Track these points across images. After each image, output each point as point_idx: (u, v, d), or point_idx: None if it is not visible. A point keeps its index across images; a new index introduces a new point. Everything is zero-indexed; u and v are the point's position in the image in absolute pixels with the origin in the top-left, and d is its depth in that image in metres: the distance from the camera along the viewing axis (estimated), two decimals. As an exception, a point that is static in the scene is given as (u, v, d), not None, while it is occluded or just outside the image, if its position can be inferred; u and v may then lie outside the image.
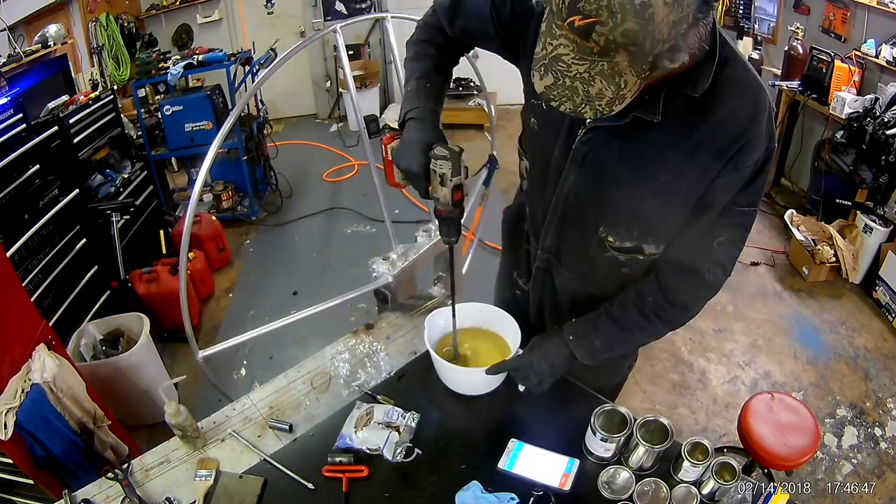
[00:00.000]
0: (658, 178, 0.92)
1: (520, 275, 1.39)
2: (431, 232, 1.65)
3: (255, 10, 5.44)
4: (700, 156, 0.88)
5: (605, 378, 1.35)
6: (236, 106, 2.34)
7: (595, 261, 1.10)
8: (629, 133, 0.91)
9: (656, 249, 1.02)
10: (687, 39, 0.73)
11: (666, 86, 0.83)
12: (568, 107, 0.75)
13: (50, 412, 1.65)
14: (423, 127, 1.03)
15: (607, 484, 1.06)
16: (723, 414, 2.45)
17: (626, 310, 1.07)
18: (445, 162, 0.97)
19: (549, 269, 1.22)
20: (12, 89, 2.71)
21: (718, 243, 0.96)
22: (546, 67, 0.73)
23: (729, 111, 0.85)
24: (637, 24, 0.66)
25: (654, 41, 0.68)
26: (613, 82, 0.71)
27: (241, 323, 3.09)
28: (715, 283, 1.01)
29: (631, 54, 0.69)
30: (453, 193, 1.00)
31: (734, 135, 0.85)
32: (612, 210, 1.02)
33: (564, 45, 0.70)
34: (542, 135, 1.07)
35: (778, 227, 3.71)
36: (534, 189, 1.17)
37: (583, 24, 0.67)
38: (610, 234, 1.04)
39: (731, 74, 0.84)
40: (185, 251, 1.41)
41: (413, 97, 1.07)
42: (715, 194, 0.91)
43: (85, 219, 2.70)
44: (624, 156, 0.94)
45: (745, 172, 0.89)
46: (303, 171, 4.83)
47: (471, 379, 1.25)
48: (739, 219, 0.95)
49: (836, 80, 3.24)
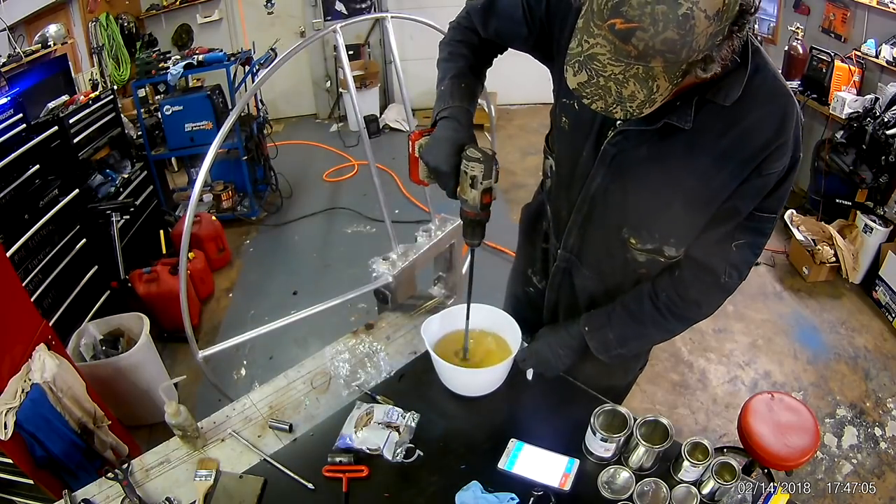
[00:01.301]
0: (684, 184, 0.94)
1: (535, 272, 1.39)
2: (431, 232, 1.65)
3: (255, 10, 5.44)
4: (727, 163, 0.89)
5: (618, 378, 1.36)
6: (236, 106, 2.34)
7: (615, 261, 1.12)
8: (658, 138, 0.92)
9: (676, 252, 1.04)
10: (721, 50, 0.74)
11: (697, 93, 0.84)
12: (599, 105, 0.76)
13: (50, 412, 1.65)
14: (457, 126, 1.03)
15: (607, 484, 1.06)
16: (723, 414, 2.45)
17: (641, 302, 1.09)
18: (478, 164, 0.97)
19: (570, 268, 1.22)
20: (12, 89, 2.71)
21: (737, 245, 0.97)
22: (581, 64, 0.74)
23: (757, 120, 0.86)
24: (677, 34, 0.67)
25: (690, 51, 0.69)
26: (646, 86, 0.72)
27: (241, 323, 3.09)
28: (729, 285, 1.03)
29: (666, 61, 0.70)
30: (482, 196, 1.00)
31: (761, 143, 0.87)
32: (636, 212, 1.03)
33: (602, 45, 0.71)
34: (572, 134, 1.07)
35: (778, 227, 3.67)
36: (559, 188, 1.18)
37: (624, 27, 0.68)
38: (633, 236, 1.05)
39: (760, 84, 0.85)
40: (185, 251, 1.41)
41: (447, 96, 1.07)
42: (739, 201, 0.92)
43: (85, 219, 2.70)
44: (652, 160, 0.95)
45: (769, 179, 0.90)
46: (303, 171, 4.83)
47: (472, 380, 1.25)
48: (759, 224, 0.96)
49: (836, 80, 3.24)
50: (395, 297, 1.54)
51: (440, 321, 1.33)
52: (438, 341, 1.33)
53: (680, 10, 0.66)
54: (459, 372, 1.23)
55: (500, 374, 1.25)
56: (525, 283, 1.43)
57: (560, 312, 1.32)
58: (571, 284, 1.24)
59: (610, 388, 1.29)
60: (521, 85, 4.85)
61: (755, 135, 0.87)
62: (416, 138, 1.08)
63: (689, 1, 0.66)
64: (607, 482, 1.06)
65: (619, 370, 1.34)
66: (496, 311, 1.35)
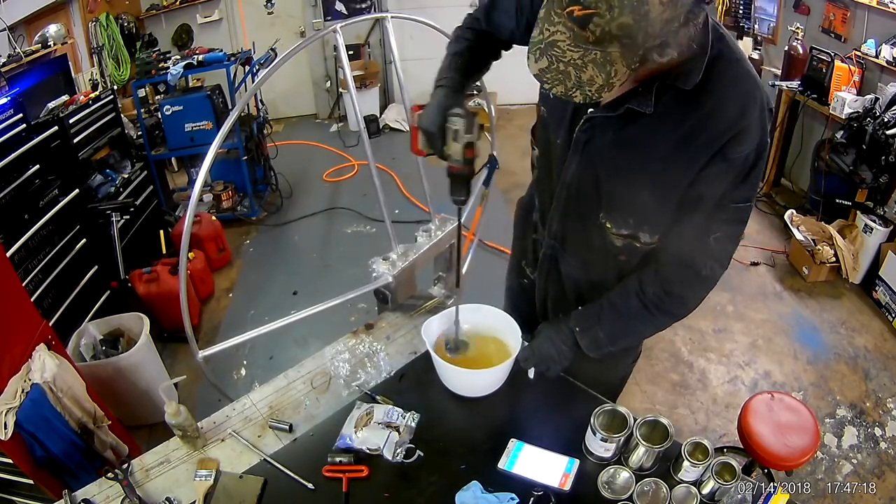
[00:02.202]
0: (649, 167, 0.96)
1: (527, 264, 1.41)
2: (431, 232, 1.65)
3: (255, 10, 5.44)
4: (689, 146, 0.91)
5: (610, 372, 1.37)
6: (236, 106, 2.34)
7: (595, 247, 1.14)
8: (623, 123, 0.95)
9: (650, 238, 1.05)
10: (677, 37, 0.76)
11: (658, 79, 0.87)
12: (559, 90, 0.78)
13: (50, 412, 1.65)
14: (446, 93, 1.10)
15: (607, 484, 1.06)
16: (723, 414, 2.45)
17: (628, 298, 1.11)
18: (459, 119, 1.04)
19: (555, 255, 1.25)
20: (12, 89, 2.71)
21: (715, 239, 0.99)
22: (541, 51, 0.76)
23: (718, 103, 0.88)
24: (632, 19, 0.70)
25: (646, 36, 0.72)
26: (604, 70, 0.74)
27: (241, 323, 3.09)
28: (711, 277, 1.05)
29: (623, 46, 0.72)
30: (465, 150, 1.05)
31: (723, 126, 0.88)
32: (608, 198, 1.06)
33: (561, 32, 0.74)
34: (549, 124, 1.12)
35: (778, 227, 3.71)
36: (541, 177, 1.23)
37: (581, 14, 0.71)
38: (608, 221, 1.08)
39: (722, 69, 0.87)
40: (185, 251, 1.41)
41: (443, 70, 1.16)
42: (705, 185, 0.93)
43: (85, 219, 2.70)
44: (618, 145, 0.98)
45: (735, 164, 0.91)
46: (303, 171, 4.83)
47: (473, 380, 1.25)
48: (734, 214, 0.97)
49: (836, 80, 3.24)
50: (395, 297, 1.54)
51: (440, 322, 1.33)
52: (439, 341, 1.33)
53: None
54: (460, 373, 1.23)
55: (502, 374, 1.25)
56: (519, 275, 1.46)
57: (549, 302, 1.33)
58: (558, 272, 1.26)
59: (603, 383, 1.30)
60: (521, 85, 4.83)
61: (716, 118, 0.88)
62: (416, 110, 1.15)
63: None
64: (607, 482, 1.06)
65: (611, 364, 1.35)
66: (496, 312, 1.35)
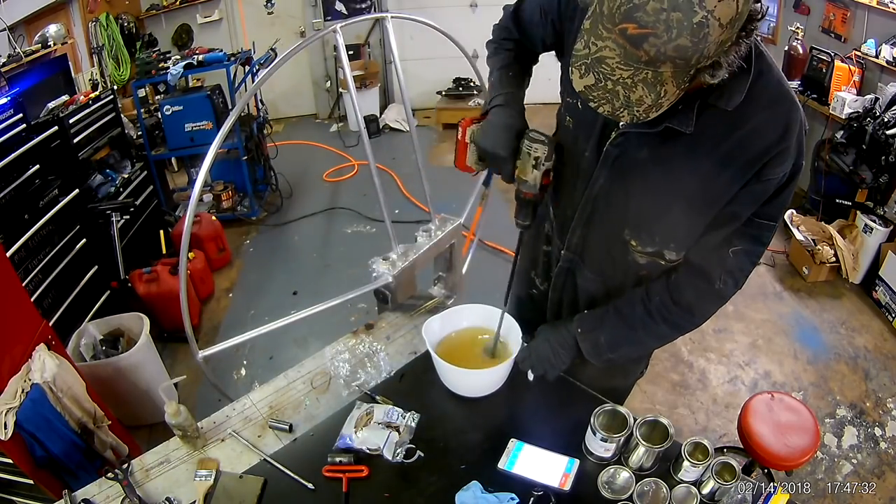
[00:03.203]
0: (684, 187, 0.94)
1: (537, 275, 1.39)
2: (431, 232, 1.65)
3: (255, 10, 5.44)
4: (728, 167, 0.89)
5: (618, 380, 1.36)
6: (236, 106, 2.34)
7: (617, 262, 1.11)
8: (659, 141, 0.91)
9: (677, 256, 1.03)
10: (728, 56, 0.74)
11: (699, 97, 0.84)
12: (606, 109, 0.76)
13: (50, 412, 1.65)
14: (511, 112, 1.06)
15: (607, 484, 1.06)
16: (723, 414, 2.44)
17: (633, 305, 1.09)
18: (542, 146, 1.01)
19: (573, 269, 1.22)
20: (12, 89, 2.71)
21: (733, 252, 0.97)
22: (588, 67, 0.74)
23: (759, 125, 0.86)
24: (690, 42, 0.67)
25: (700, 57, 0.70)
26: (654, 90, 0.72)
27: (241, 323, 3.09)
28: (724, 293, 1.01)
29: (676, 66, 0.70)
30: (543, 177, 1.04)
31: (763, 148, 0.86)
32: (637, 215, 1.03)
33: (611, 49, 0.71)
34: (575, 135, 1.08)
35: (778, 227, 3.71)
36: (563, 188, 1.18)
37: (636, 32, 0.68)
38: (634, 238, 1.05)
39: (763, 88, 0.85)
40: (185, 251, 1.41)
41: (497, 85, 1.12)
42: (739, 205, 0.92)
43: (85, 219, 2.70)
44: (653, 162, 0.95)
45: (769, 185, 0.89)
46: (303, 171, 4.83)
47: (473, 381, 1.24)
48: (758, 231, 0.96)
49: (836, 80, 3.24)
50: (395, 297, 1.54)
51: (441, 322, 1.33)
52: (440, 342, 1.33)
53: (695, 17, 0.65)
54: (460, 373, 1.22)
55: (502, 374, 1.25)
56: (528, 286, 1.43)
57: (563, 313, 1.31)
58: (574, 285, 1.24)
59: (610, 389, 1.29)
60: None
61: (757, 139, 0.86)
62: (468, 125, 1.11)
63: (705, 9, 0.65)
64: (607, 482, 1.06)
65: (619, 372, 1.34)
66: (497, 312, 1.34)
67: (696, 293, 1.03)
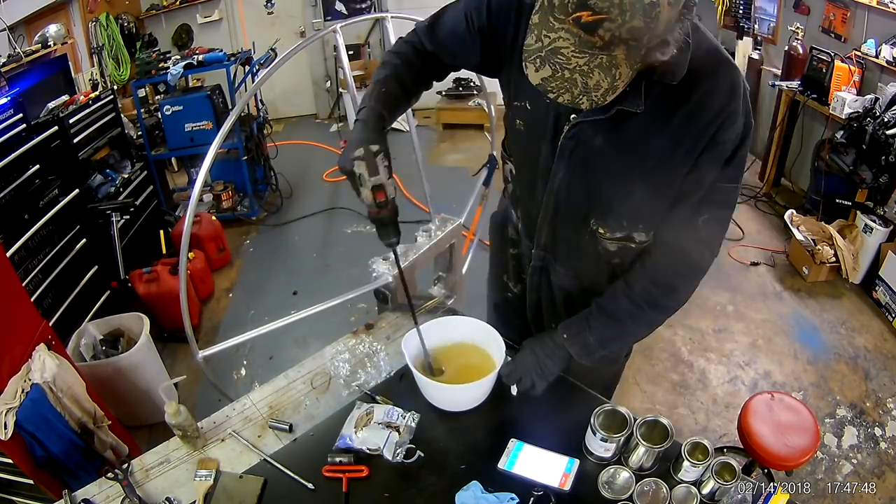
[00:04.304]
0: (643, 167, 0.95)
1: (509, 278, 1.40)
2: (431, 232, 1.66)
3: (255, 10, 5.44)
4: (683, 139, 0.91)
5: (603, 369, 1.36)
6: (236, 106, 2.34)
7: (588, 254, 1.12)
8: (613, 125, 0.93)
9: (646, 237, 1.04)
10: (674, 34, 0.76)
11: (646, 77, 0.85)
12: (566, 98, 0.77)
13: (50, 412, 1.65)
14: (363, 128, 1.02)
15: (607, 484, 1.06)
16: (723, 414, 2.45)
17: (616, 299, 1.09)
18: (360, 162, 0.95)
19: (546, 267, 1.22)
20: (12, 89, 2.71)
21: (703, 221, 0.98)
22: (542, 59, 0.75)
23: (706, 92, 0.88)
24: (643, 22, 0.69)
25: (651, 37, 0.72)
26: (610, 74, 0.74)
27: (241, 323, 3.09)
28: (701, 263, 1.03)
29: (629, 48, 0.72)
30: (375, 194, 0.98)
31: (713, 113, 0.88)
32: (601, 201, 1.04)
33: (564, 39, 0.72)
34: (528, 136, 1.08)
35: (778, 227, 3.71)
36: (524, 190, 1.19)
37: (591, 19, 0.69)
38: (601, 226, 1.06)
39: (703, 58, 0.87)
40: (185, 251, 1.41)
41: (365, 98, 1.08)
42: (700, 173, 0.93)
43: (85, 219, 2.70)
44: (609, 147, 0.96)
45: (725, 147, 0.91)
46: (303, 171, 4.83)
47: (455, 396, 1.21)
48: (722, 195, 0.97)
49: (836, 80, 3.24)
50: (395, 297, 1.54)
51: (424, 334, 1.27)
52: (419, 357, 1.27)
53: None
54: (441, 389, 1.19)
55: (485, 389, 1.21)
56: (502, 290, 1.44)
57: (543, 313, 1.31)
58: (549, 283, 1.24)
59: (596, 381, 1.29)
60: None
61: (706, 107, 0.88)
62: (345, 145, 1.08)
63: None
64: (607, 482, 1.06)
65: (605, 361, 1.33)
66: (479, 324, 1.30)
67: (674, 271, 1.04)
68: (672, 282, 1.06)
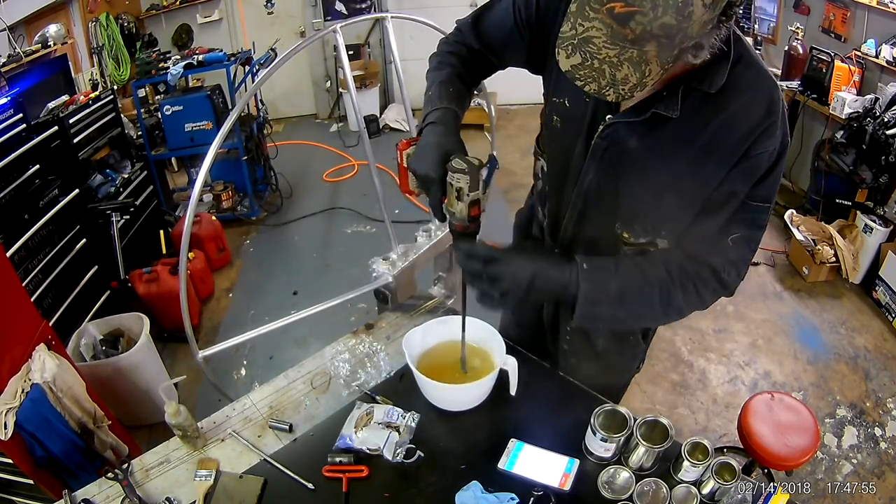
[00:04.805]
0: (674, 173, 0.94)
1: None
2: (431, 232, 1.65)
3: (255, 10, 5.44)
4: (715, 150, 0.90)
5: (613, 377, 1.36)
6: (236, 106, 2.34)
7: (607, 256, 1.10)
8: (647, 129, 0.92)
9: (668, 245, 1.02)
10: (710, 39, 0.76)
11: (683, 82, 0.86)
12: (593, 87, 0.77)
13: (50, 412, 1.65)
14: (444, 131, 0.99)
15: (607, 484, 1.06)
16: (723, 414, 2.45)
17: (654, 264, 1.00)
18: (463, 176, 0.91)
19: None
20: (12, 89, 2.71)
21: (733, 240, 0.96)
22: (574, 47, 0.75)
23: (743, 105, 0.87)
24: (675, 20, 0.69)
25: (684, 37, 0.72)
26: (639, 69, 0.73)
27: (241, 323, 3.09)
28: (728, 283, 1.00)
29: (661, 45, 0.72)
30: (470, 209, 0.94)
31: (749, 127, 0.88)
32: (628, 205, 1.02)
33: (597, 28, 0.73)
34: (563, 132, 1.08)
35: (778, 227, 3.71)
36: (553, 187, 1.18)
37: (623, 11, 0.70)
38: (626, 231, 1.05)
39: (744, 70, 0.87)
40: (185, 251, 1.41)
41: (434, 99, 1.05)
42: (733, 184, 0.92)
43: (85, 219, 2.70)
44: (642, 150, 0.95)
45: (759, 161, 0.90)
46: (303, 171, 4.83)
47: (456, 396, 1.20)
48: (753, 214, 0.95)
49: (836, 80, 3.24)
50: (395, 297, 1.54)
51: (422, 334, 1.29)
52: (422, 356, 1.28)
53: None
54: (441, 388, 1.18)
55: (485, 389, 1.21)
56: None
57: (560, 313, 1.31)
58: None
59: (604, 387, 1.28)
60: (521, 85, 4.84)
61: (742, 119, 0.88)
62: (404, 148, 1.03)
63: None
64: (607, 482, 1.06)
65: (616, 369, 1.34)
66: (479, 324, 1.29)
67: (704, 283, 0.99)
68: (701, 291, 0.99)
